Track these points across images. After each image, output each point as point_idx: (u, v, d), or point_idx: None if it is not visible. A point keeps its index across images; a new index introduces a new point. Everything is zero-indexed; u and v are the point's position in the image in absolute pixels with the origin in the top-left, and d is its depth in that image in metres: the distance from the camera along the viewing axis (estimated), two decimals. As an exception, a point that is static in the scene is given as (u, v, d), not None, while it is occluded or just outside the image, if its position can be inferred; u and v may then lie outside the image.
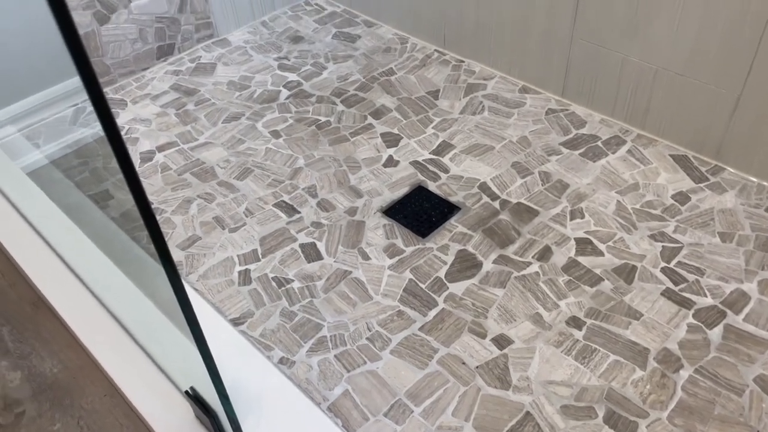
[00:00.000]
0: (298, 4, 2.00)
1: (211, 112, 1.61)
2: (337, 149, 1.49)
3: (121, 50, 1.65)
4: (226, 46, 1.83)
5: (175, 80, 1.71)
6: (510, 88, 1.63)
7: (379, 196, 1.37)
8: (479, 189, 1.37)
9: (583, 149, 1.44)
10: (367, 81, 1.69)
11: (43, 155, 1.55)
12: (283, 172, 1.43)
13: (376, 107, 1.60)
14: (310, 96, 1.65)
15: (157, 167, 1.45)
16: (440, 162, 1.44)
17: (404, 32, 1.85)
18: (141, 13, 1.65)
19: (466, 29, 1.68)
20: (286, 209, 1.35)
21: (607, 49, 1.42)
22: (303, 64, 1.76)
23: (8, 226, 1.34)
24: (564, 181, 1.37)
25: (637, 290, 1.15)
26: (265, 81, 1.70)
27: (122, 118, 1.59)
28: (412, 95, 1.63)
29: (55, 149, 1.55)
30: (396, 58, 1.77)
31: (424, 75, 1.70)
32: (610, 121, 1.50)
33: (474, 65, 1.71)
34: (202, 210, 1.35)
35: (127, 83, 1.70)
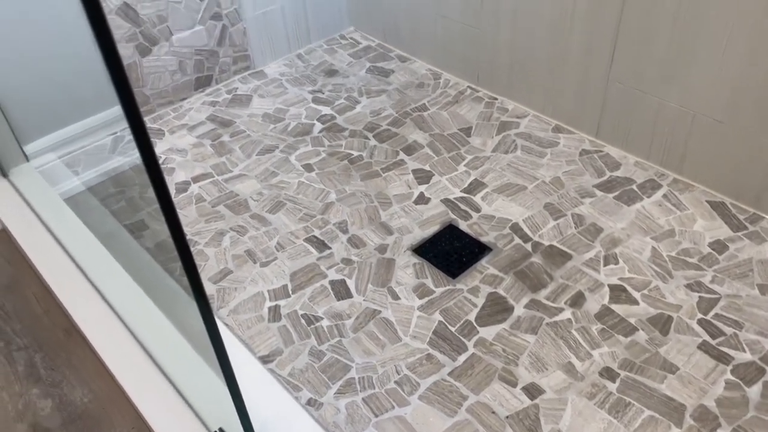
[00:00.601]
0: (333, 38, 2.03)
1: (245, 144, 1.63)
2: (369, 184, 1.50)
3: (160, 81, 1.69)
4: (262, 78, 1.87)
5: (212, 111, 1.74)
6: (543, 127, 1.62)
7: (409, 233, 1.37)
8: (511, 230, 1.36)
9: (617, 192, 1.42)
10: (399, 116, 1.70)
11: (80, 182, 1.58)
12: (314, 207, 1.44)
13: (408, 143, 1.61)
14: (343, 130, 1.66)
15: (191, 198, 1.48)
16: (472, 201, 1.44)
17: (437, 68, 1.86)
18: (181, 46, 1.69)
19: (500, 66, 1.68)
20: (316, 244, 1.35)
21: (643, 92, 1.41)
22: (337, 98, 1.78)
23: (45, 252, 1.38)
24: (598, 225, 1.35)
25: (673, 342, 1.12)
26: (299, 114, 1.72)
27: (159, 148, 1.62)
28: (444, 132, 1.64)
29: (93, 176, 1.58)
30: (429, 93, 1.78)
31: (457, 111, 1.70)
32: (645, 164, 1.48)
33: (507, 103, 1.71)
34: (235, 243, 1.36)
35: (165, 113, 1.74)
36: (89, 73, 1.55)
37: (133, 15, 1.56)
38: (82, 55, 1.52)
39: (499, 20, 1.61)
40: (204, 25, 1.70)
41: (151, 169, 0.83)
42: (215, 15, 1.71)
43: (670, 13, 1.28)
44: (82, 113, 1.59)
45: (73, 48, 1.50)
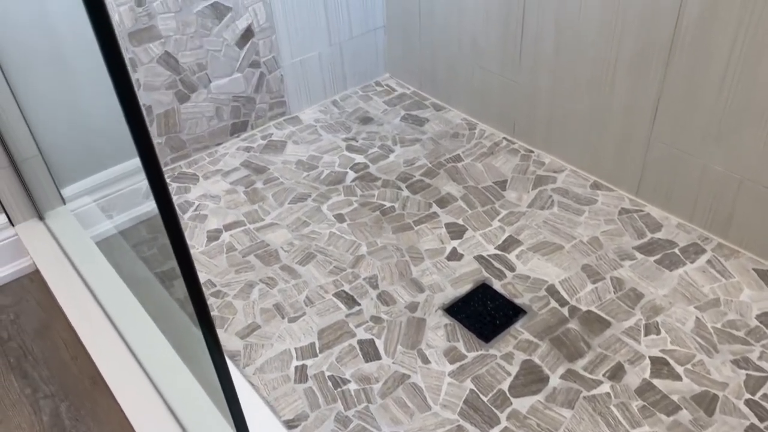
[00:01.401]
0: (368, 85, 2.03)
1: (278, 191, 1.63)
2: (401, 238, 1.47)
3: (197, 127, 1.71)
4: (297, 124, 1.88)
5: (247, 157, 1.75)
6: (581, 182, 1.59)
7: (441, 291, 1.33)
8: (547, 292, 1.31)
9: (658, 256, 1.37)
10: (433, 167, 1.68)
11: (113, 225, 1.59)
12: (345, 259, 1.42)
13: (442, 195, 1.59)
14: (376, 180, 1.65)
15: (222, 247, 1.47)
16: (506, 259, 1.40)
17: (473, 118, 1.85)
18: (219, 93, 1.71)
19: (537, 119, 1.66)
20: (346, 300, 1.33)
21: (687, 153, 1.37)
22: (371, 146, 1.77)
23: (74, 297, 1.38)
24: (638, 291, 1.30)
25: (719, 424, 1.06)
26: (332, 162, 1.72)
27: (193, 194, 1.63)
28: (478, 184, 1.61)
29: (126, 220, 1.60)
30: (463, 144, 1.76)
31: (492, 163, 1.68)
32: (688, 227, 1.43)
33: (544, 156, 1.68)
34: (264, 295, 1.35)
35: (200, 158, 1.75)
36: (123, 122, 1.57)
37: (174, 63, 1.59)
38: (117, 107, 1.55)
39: (538, 74, 1.59)
40: (242, 73, 1.72)
41: (168, 223, 0.82)
42: (254, 63, 1.73)
43: (718, 75, 1.24)
44: (119, 158, 1.61)
45: (111, 96, 1.53)
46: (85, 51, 1.44)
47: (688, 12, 1.24)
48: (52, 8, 1.37)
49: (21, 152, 1.43)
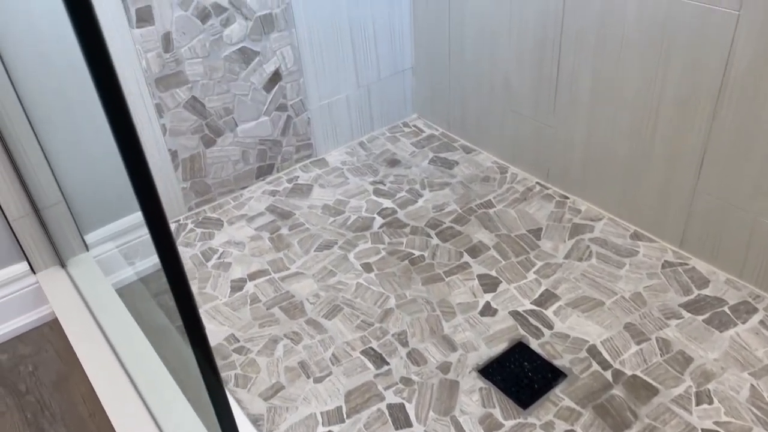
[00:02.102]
0: (396, 126, 1.99)
1: (304, 238, 1.58)
2: (431, 290, 1.41)
3: (223, 171, 1.68)
4: (323, 166, 1.84)
5: (272, 201, 1.71)
6: (620, 232, 1.51)
7: (474, 351, 1.26)
8: (588, 353, 1.24)
9: (707, 315, 1.29)
10: (463, 213, 1.62)
11: (134, 272, 1.56)
12: (373, 313, 1.36)
13: (473, 243, 1.53)
14: (405, 226, 1.60)
15: (246, 298, 1.42)
16: (543, 315, 1.33)
17: (504, 161, 1.79)
18: (245, 136, 1.68)
19: (573, 164, 1.60)
20: (374, 358, 1.26)
21: (736, 206, 1.29)
22: (398, 190, 1.72)
23: (92, 349, 1.33)
24: (687, 354, 1.21)
25: None
26: (359, 207, 1.67)
27: (217, 240, 1.59)
28: (511, 232, 1.55)
29: (149, 266, 1.56)
30: (495, 189, 1.70)
31: (525, 210, 1.61)
32: (737, 283, 1.34)
33: (580, 203, 1.61)
34: (288, 352, 1.29)
35: (225, 202, 1.72)
36: (150, 166, 1.55)
37: (201, 108, 1.56)
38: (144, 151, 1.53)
39: (574, 119, 1.53)
40: (269, 116, 1.69)
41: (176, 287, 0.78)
42: (281, 106, 1.70)
43: (767, 125, 1.17)
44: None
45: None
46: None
47: (737, 60, 1.17)
48: (78, 55, 1.35)
49: (44, 199, 1.41)
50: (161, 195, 1.61)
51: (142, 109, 1.47)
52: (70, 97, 1.37)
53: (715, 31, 1.18)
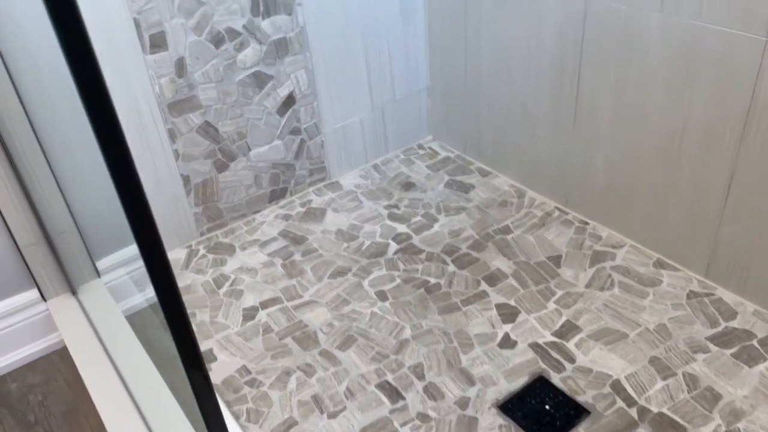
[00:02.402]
0: (410, 148, 1.97)
1: (317, 264, 1.55)
2: (448, 320, 1.37)
3: (235, 195, 1.66)
4: (337, 190, 1.81)
5: (285, 225, 1.69)
6: (643, 260, 1.47)
7: (494, 385, 1.22)
8: (612, 389, 1.19)
9: (735, 348, 1.24)
10: (480, 239, 1.59)
11: (144, 299, 1.53)
12: (388, 344, 1.33)
13: (491, 271, 1.49)
14: (420, 252, 1.56)
15: (258, 328, 1.39)
16: (564, 348, 1.28)
17: (522, 185, 1.75)
18: (259, 161, 1.66)
19: (593, 188, 1.56)
20: (389, 392, 1.23)
21: (763, 235, 1.24)
22: (413, 215, 1.69)
23: (101, 379, 1.30)
24: (715, 390, 1.17)
25: None
26: (373, 232, 1.64)
27: (229, 266, 1.56)
28: (530, 260, 1.51)
29: (162, 292, 1.53)
30: (512, 213, 1.66)
31: (544, 236, 1.57)
32: (766, 315, 1.29)
33: (600, 229, 1.57)
34: (302, 385, 1.26)
35: (237, 226, 1.69)
36: (162, 191, 1.53)
37: (214, 132, 1.55)
38: (155, 178, 1.51)
39: (594, 143, 1.50)
40: (282, 140, 1.67)
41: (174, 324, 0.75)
42: (294, 130, 1.68)
43: (801, 154, 1.13)
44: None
45: (146, 171, 1.49)
46: (125, 122, 1.41)
47: (765, 85, 1.13)
48: (93, 82, 1.34)
49: (56, 225, 1.39)
50: (172, 220, 1.59)
51: (155, 134, 1.46)
52: (82, 123, 1.35)
53: (742, 57, 1.15)
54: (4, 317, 1.41)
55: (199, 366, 0.81)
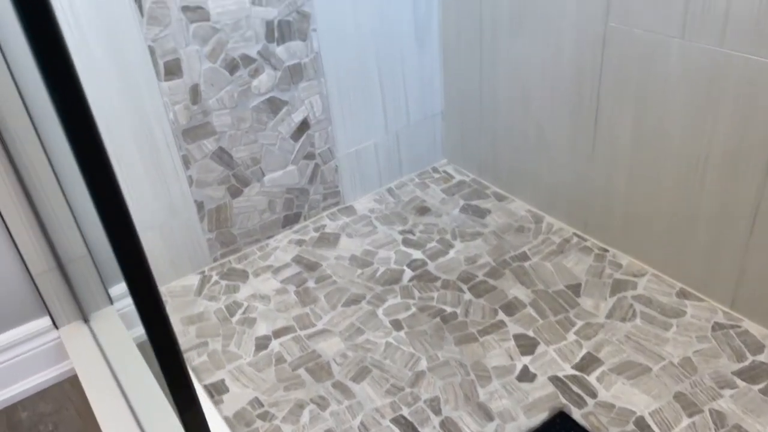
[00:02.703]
0: (425, 171, 1.95)
1: (331, 292, 1.53)
2: (464, 351, 1.34)
3: (249, 220, 1.64)
4: (351, 214, 1.79)
5: (298, 251, 1.67)
6: (665, 290, 1.43)
7: (513, 421, 1.18)
8: (636, 426, 1.15)
9: (763, 384, 1.19)
10: (497, 265, 1.56)
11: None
12: (403, 376, 1.29)
13: (508, 299, 1.45)
14: (435, 279, 1.53)
15: (271, 358, 1.37)
16: (585, 382, 1.24)
17: (539, 210, 1.72)
18: (273, 186, 1.64)
19: (612, 214, 1.52)
20: (405, 427, 1.19)
21: (794, 266, 1.20)
22: (428, 240, 1.66)
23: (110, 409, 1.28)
24: (743, 428, 1.12)
25: None
26: (388, 258, 1.62)
27: (242, 293, 1.54)
28: (548, 288, 1.47)
29: (175, 320, 1.52)
30: (530, 239, 1.63)
31: (562, 263, 1.54)
32: (797, 349, 1.25)
33: (620, 257, 1.53)
34: (315, 419, 1.23)
35: (251, 252, 1.68)
36: (176, 217, 1.52)
37: (228, 158, 1.54)
38: (168, 204, 1.50)
39: (614, 168, 1.47)
40: (296, 165, 1.66)
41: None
42: (308, 154, 1.67)
43: (831, 184, 1.09)
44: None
45: (159, 198, 1.48)
46: (139, 149, 1.41)
47: (793, 113, 1.10)
48: (106, 111, 1.34)
49: (69, 253, 1.38)
50: (186, 246, 1.58)
51: (169, 161, 1.45)
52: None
53: (766, 84, 1.12)
54: (15, 345, 1.40)
55: (194, 410, 0.78)
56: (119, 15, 1.26)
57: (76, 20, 1.22)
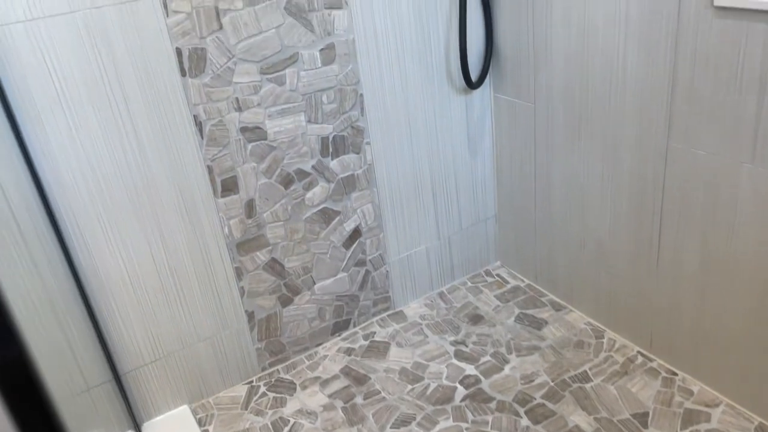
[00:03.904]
0: (478, 274, 1.90)
1: (380, 410, 1.47)
2: (522, 487, 1.25)
3: (298, 329, 1.63)
4: (401, 321, 1.75)
5: (347, 361, 1.63)
6: (743, 424, 1.31)
7: None
8: None
9: None
10: (556, 386, 1.47)
11: (206, 440, 1.48)
12: None
13: (569, 428, 1.36)
14: (490, 400, 1.46)
15: (316, 486, 1.31)
16: None
17: (599, 323, 1.64)
18: (323, 293, 1.63)
19: (680, 333, 1.43)
20: None
21: None
22: (482, 353, 1.60)
23: None
24: None
25: None
26: (440, 372, 1.55)
27: (289, 408, 1.51)
28: (613, 416, 1.37)
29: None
30: (590, 357, 1.54)
31: (627, 387, 1.44)
32: None
33: (691, 382, 1.42)
34: None
35: (299, 361, 1.65)
36: (226, 328, 1.52)
37: (279, 269, 1.54)
38: (219, 316, 1.50)
39: (679, 286, 1.38)
40: (347, 272, 1.65)
41: None
42: (359, 261, 1.66)
43: None
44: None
45: (210, 310, 1.49)
46: (193, 262, 1.42)
47: None
48: (159, 222, 1.37)
49: (126, 365, 1.39)
50: (235, 357, 1.56)
51: (222, 273, 1.46)
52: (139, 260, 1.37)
53: None
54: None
55: None
56: (181, 138, 1.31)
57: (139, 142, 1.27)
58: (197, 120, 1.32)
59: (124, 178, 1.28)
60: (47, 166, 1.19)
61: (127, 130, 1.25)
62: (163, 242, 1.37)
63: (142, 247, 1.34)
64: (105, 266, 1.31)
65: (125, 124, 1.24)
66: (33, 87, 1.14)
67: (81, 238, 1.27)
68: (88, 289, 1.32)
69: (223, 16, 1.27)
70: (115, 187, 1.27)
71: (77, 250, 1.27)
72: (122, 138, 1.25)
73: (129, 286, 1.36)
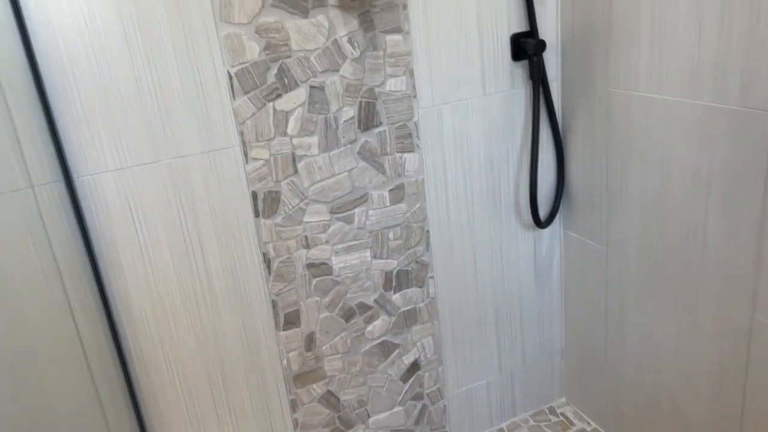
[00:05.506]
0: (541, 411, 1.80)
1: None
2: None
3: (349, 463, 1.58)
4: (456, 460, 1.67)
5: (397, 502, 1.56)
6: None
7: None
8: None
9: None
10: None
11: None
12: None
13: None
14: None
15: None
16: None
17: (673, 486, 1.51)
18: (377, 427, 1.59)
19: None
20: None
21: None
22: None
23: None
24: None
25: None
26: None
27: None
28: None
29: None
30: None
31: None
32: None
33: None
34: None
35: (348, 496, 1.59)
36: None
37: (335, 401, 1.51)
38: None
39: None
40: (403, 406, 1.60)
41: None
42: (416, 395, 1.61)
43: None
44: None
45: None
46: (249, 391, 1.42)
47: None
48: (221, 354, 1.38)
49: None
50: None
51: (277, 405, 1.45)
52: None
53: None
54: None
55: None
56: (248, 273, 1.34)
57: (208, 275, 1.30)
58: (266, 257, 1.35)
59: (191, 310, 1.31)
60: (121, 305, 1.24)
61: (198, 265, 1.29)
62: (222, 374, 1.38)
63: (200, 378, 1.35)
64: (165, 395, 1.33)
65: (197, 260, 1.28)
66: (116, 232, 1.20)
67: (146, 375, 1.29)
68: (146, 418, 1.33)
69: (299, 161, 1.31)
70: (182, 317, 1.30)
71: (139, 381, 1.30)
72: (193, 272, 1.29)
73: (185, 416, 1.36)
